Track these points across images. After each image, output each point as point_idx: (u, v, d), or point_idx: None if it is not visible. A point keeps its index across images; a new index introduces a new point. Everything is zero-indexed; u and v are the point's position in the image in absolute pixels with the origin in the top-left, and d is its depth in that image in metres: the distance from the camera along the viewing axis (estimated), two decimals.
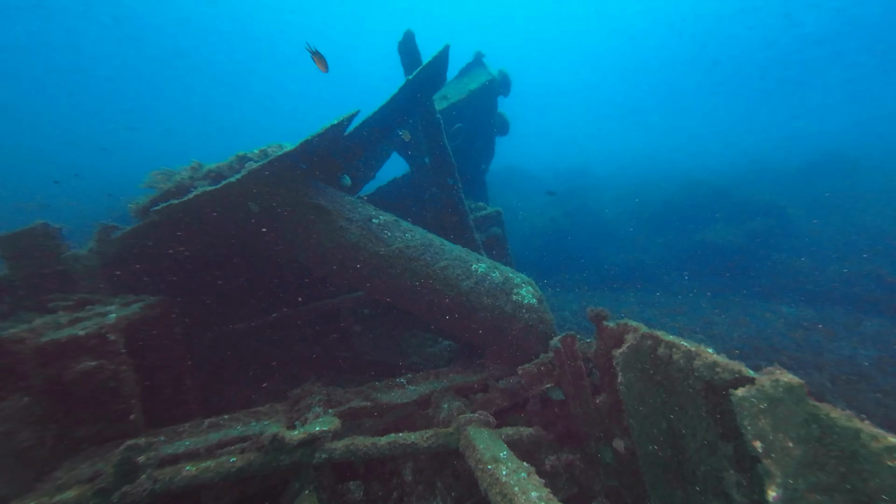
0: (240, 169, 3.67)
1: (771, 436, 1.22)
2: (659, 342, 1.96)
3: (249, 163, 3.68)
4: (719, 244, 11.48)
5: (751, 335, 6.51)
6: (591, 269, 14.31)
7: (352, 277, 4.07)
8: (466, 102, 7.37)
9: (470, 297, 3.83)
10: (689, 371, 1.76)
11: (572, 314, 9.44)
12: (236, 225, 3.79)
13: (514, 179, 25.64)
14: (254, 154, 3.83)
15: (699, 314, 8.06)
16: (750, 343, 6.14)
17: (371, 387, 3.48)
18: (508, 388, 3.23)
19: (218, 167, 3.60)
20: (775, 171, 18.45)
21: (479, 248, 5.27)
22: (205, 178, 3.56)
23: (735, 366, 1.52)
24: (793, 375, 1.27)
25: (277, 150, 3.94)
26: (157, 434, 2.59)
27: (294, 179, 4.05)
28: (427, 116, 5.61)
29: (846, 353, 5.70)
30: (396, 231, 4.13)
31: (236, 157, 3.71)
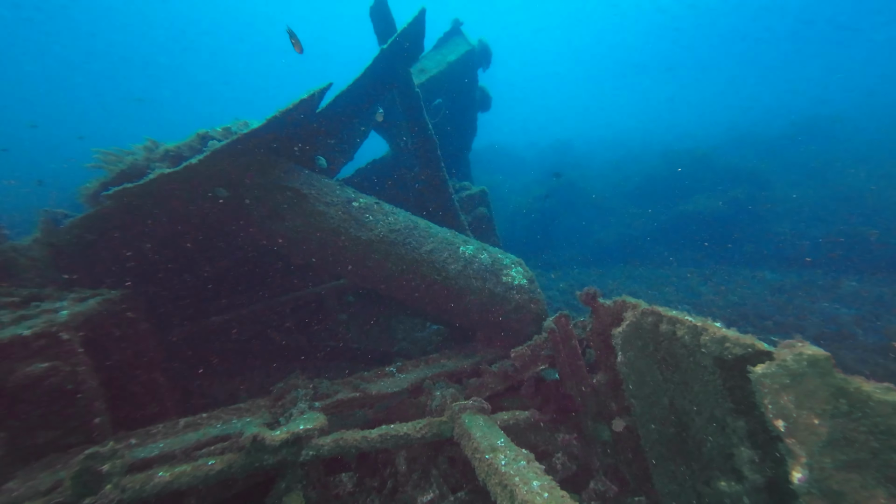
0: (202, 149, 3.36)
1: (794, 413, 1.12)
2: (661, 318, 1.84)
3: (212, 142, 3.36)
4: (702, 214, 11.61)
5: (736, 302, 6.62)
6: (578, 246, 14.38)
7: (333, 265, 3.85)
8: (446, 75, 7.02)
9: (458, 281, 3.68)
10: (696, 347, 1.65)
11: (560, 293, 9.46)
12: (203, 211, 3.49)
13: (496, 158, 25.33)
14: (217, 132, 3.50)
15: (685, 285, 8.17)
16: (736, 310, 6.24)
17: (359, 377, 3.34)
18: (501, 371, 3.13)
19: (177, 147, 3.28)
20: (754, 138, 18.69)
21: (466, 230, 5.09)
22: (162, 160, 3.23)
23: (747, 339, 1.41)
24: (817, 347, 1.16)
25: (243, 128, 3.62)
26: (127, 437, 2.39)
27: (264, 161, 3.75)
28: (405, 90, 5.29)
29: (828, 314, 5.86)
30: (379, 214, 3.90)
31: (197, 135, 3.39)
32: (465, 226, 5.11)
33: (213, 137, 3.45)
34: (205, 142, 3.41)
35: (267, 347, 4.94)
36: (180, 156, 3.29)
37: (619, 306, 2.24)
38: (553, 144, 28.97)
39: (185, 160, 3.26)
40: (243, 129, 3.55)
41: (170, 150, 3.26)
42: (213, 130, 3.51)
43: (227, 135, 3.53)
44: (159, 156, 3.24)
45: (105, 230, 3.15)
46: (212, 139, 3.44)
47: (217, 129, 3.57)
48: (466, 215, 5.49)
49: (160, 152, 3.25)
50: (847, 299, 6.30)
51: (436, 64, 7.30)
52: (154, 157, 3.23)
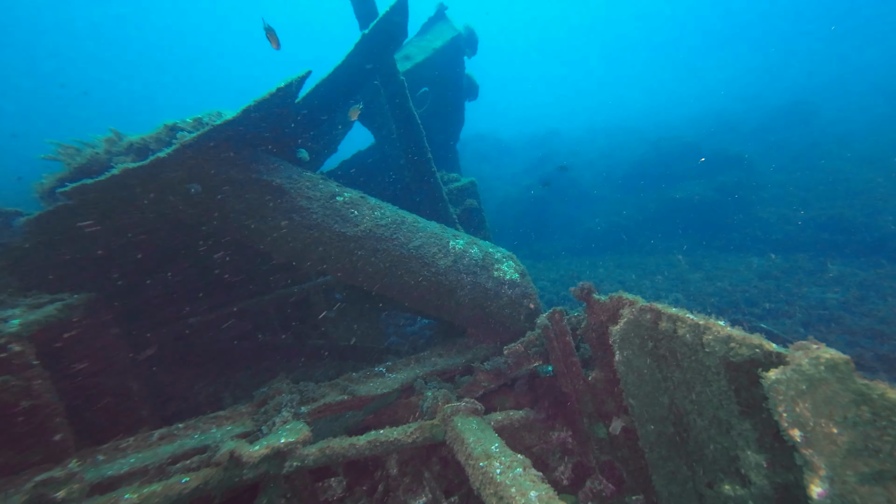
0: (170, 142, 3.14)
1: (812, 422, 1.03)
2: (660, 315, 1.75)
3: (181, 133, 3.14)
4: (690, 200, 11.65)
5: (726, 289, 6.65)
6: (568, 235, 14.38)
7: (316, 262, 3.69)
8: (432, 63, 6.79)
9: (448, 276, 3.56)
10: (698, 346, 1.56)
11: (551, 283, 9.42)
12: (176, 208, 3.28)
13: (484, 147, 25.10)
14: (186, 124, 3.27)
15: (675, 273, 8.19)
16: (726, 297, 6.27)
17: (347, 378, 3.21)
18: (494, 369, 3.04)
19: (143, 139, 3.05)
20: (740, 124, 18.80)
21: (455, 223, 4.96)
22: (126, 153, 3.01)
23: (754, 339, 1.32)
24: (835, 350, 1.07)
25: (216, 119, 3.40)
26: (93, 453, 2.22)
27: (240, 154, 3.54)
28: (389, 78, 5.07)
29: (815, 298, 5.92)
30: (364, 209, 3.74)
31: (164, 127, 3.16)
32: (454, 219, 4.98)
33: (182, 129, 3.22)
34: (173, 134, 3.18)
35: (252, 348, 4.78)
36: (146, 148, 3.07)
37: (614, 302, 2.15)
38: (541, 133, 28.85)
39: (151, 153, 3.04)
40: (216, 120, 3.33)
41: (134, 142, 3.03)
42: (181, 122, 3.28)
43: (198, 126, 3.31)
44: (123, 148, 3.01)
45: (64, 229, 2.92)
46: (181, 131, 3.22)
47: (187, 119, 3.34)
48: (455, 208, 5.35)
49: (124, 145, 3.02)
50: (833, 283, 6.38)
51: (421, 50, 7.06)
52: (117, 150, 3.00)
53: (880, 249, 7.41)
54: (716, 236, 10.00)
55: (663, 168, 14.33)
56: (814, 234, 8.44)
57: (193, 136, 3.09)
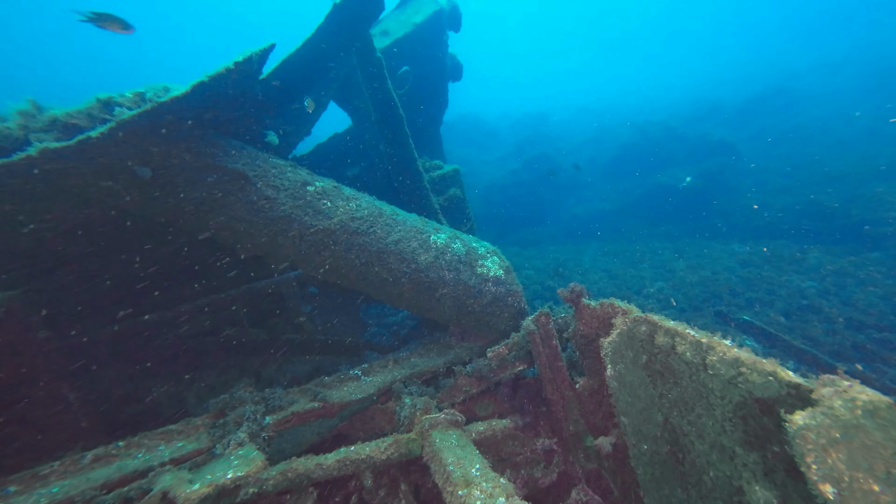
0: (105, 119, 2.75)
1: (847, 477, 0.87)
2: (656, 328, 1.57)
3: (119, 110, 2.75)
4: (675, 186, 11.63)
5: (709, 277, 6.65)
6: (554, 221, 14.29)
7: (285, 258, 3.40)
8: (412, 39, 6.36)
9: (429, 273, 3.33)
10: (699, 366, 1.39)
11: (536, 272, 9.31)
12: (117, 196, 2.92)
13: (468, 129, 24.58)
14: (126, 98, 2.87)
15: (660, 261, 8.18)
16: (708, 287, 6.26)
17: (319, 383, 2.99)
18: (477, 372, 2.86)
19: (68, 115, 2.65)
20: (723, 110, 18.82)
21: (437, 213, 4.70)
22: (48, 129, 2.61)
23: (766, 366, 1.15)
24: (873, 391, 0.91)
25: (162, 95, 3.00)
26: (5, 483, 1.92)
27: (195, 136, 3.17)
28: (365, 55, 4.68)
29: (794, 287, 5.96)
30: (338, 200, 3.44)
31: (97, 100, 2.75)
32: (436, 209, 4.72)
33: (119, 104, 2.82)
34: (108, 109, 2.78)
35: (220, 344, 4.48)
36: (74, 125, 2.67)
37: (606, 309, 1.97)
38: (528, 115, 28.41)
39: (81, 131, 2.66)
40: (161, 97, 2.94)
41: (58, 117, 2.63)
42: (119, 96, 2.87)
43: (139, 102, 2.90)
44: (43, 124, 2.61)
45: None
46: (118, 106, 2.82)
47: (126, 94, 2.93)
48: (438, 197, 5.08)
49: (44, 119, 2.61)
50: (812, 271, 6.45)
51: (400, 25, 6.60)
52: (36, 126, 2.60)
53: (858, 236, 7.54)
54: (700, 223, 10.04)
55: (649, 153, 14.28)
56: (794, 220, 8.52)
57: (133, 114, 2.71)
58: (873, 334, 4.65)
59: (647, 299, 6.59)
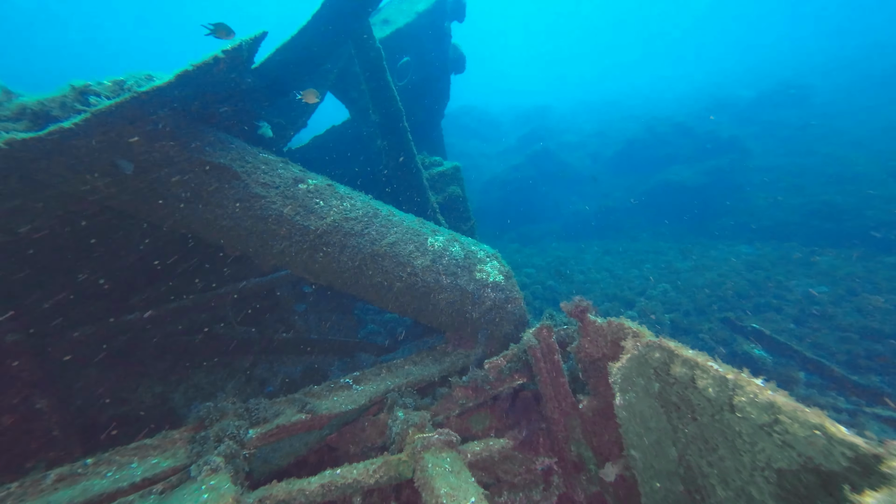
0: (80, 109, 2.57)
1: None
2: (673, 357, 1.41)
3: (95, 99, 2.57)
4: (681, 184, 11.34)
5: (715, 280, 6.47)
6: (556, 218, 14.07)
7: (275, 259, 3.24)
8: (414, 29, 6.11)
9: (425, 278, 3.17)
10: (725, 405, 1.23)
11: (537, 270, 9.14)
12: (97, 191, 2.76)
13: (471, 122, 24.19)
14: (104, 87, 2.68)
15: (664, 261, 7.99)
16: (715, 291, 6.09)
17: (308, 392, 2.85)
18: (473, 383, 2.72)
19: (41, 102, 2.48)
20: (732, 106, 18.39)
21: (435, 212, 4.53)
22: (17, 118, 2.44)
23: (811, 417, 0.99)
24: None
25: (144, 83, 2.82)
26: None
27: (181, 128, 2.99)
28: (363, 45, 4.46)
29: (804, 291, 5.78)
30: (332, 199, 3.27)
31: (71, 88, 2.57)
32: (434, 207, 4.54)
33: (95, 93, 2.63)
34: (83, 98, 2.60)
35: (209, 342, 4.35)
36: (46, 115, 2.49)
37: (615, 329, 1.80)
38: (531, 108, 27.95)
39: (54, 121, 2.48)
40: (142, 86, 2.75)
41: (29, 105, 2.45)
42: (96, 84, 2.68)
43: (118, 91, 2.72)
44: (12, 112, 2.43)
45: None
46: (94, 95, 2.63)
47: (104, 81, 2.74)
48: (436, 195, 4.90)
49: (13, 108, 2.44)
50: (823, 275, 6.26)
51: (402, 14, 6.33)
52: (3, 114, 2.42)
53: (872, 239, 7.32)
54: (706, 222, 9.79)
55: (654, 149, 13.98)
56: (804, 221, 8.26)
57: (109, 104, 2.53)
58: (891, 343, 4.47)
59: (651, 301, 6.43)
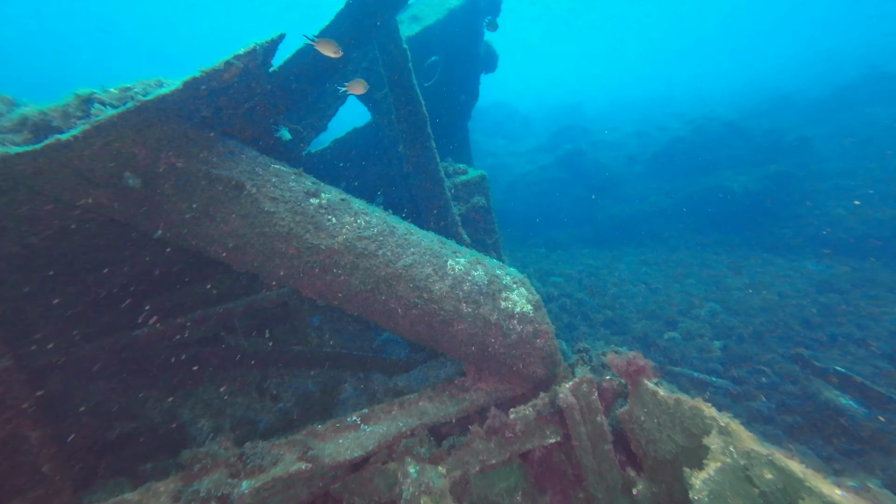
0: (83, 117, 2.42)
1: None
2: (799, 487, 0.99)
3: (99, 108, 2.41)
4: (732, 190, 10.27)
5: (774, 302, 5.69)
6: (586, 222, 13.33)
7: (282, 279, 3.00)
8: (445, 26, 5.76)
9: (444, 305, 2.83)
10: None
11: (566, 279, 8.58)
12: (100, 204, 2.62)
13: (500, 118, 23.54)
14: (109, 95, 2.53)
15: (710, 275, 7.24)
16: (775, 315, 5.32)
17: (311, 432, 2.59)
18: (491, 431, 2.36)
19: (43, 113, 2.35)
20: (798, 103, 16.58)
21: (457, 225, 4.17)
22: (17, 129, 2.32)
23: None
24: None
25: (152, 89, 2.65)
26: None
27: (189, 137, 2.80)
28: (388, 46, 4.17)
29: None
30: (345, 215, 2.99)
31: (76, 97, 2.43)
32: (456, 220, 4.18)
33: (100, 101, 2.48)
34: (87, 106, 2.44)
35: (220, 354, 4.22)
36: (47, 125, 2.35)
37: (688, 414, 1.39)
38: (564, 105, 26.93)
39: (55, 132, 2.33)
40: (149, 93, 2.57)
41: (30, 116, 2.32)
42: (102, 91, 2.53)
43: (124, 99, 2.55)
44: (13, 123, 2.31)
45: None
46: (99, 103, 2.47)
47: (111, 89, 2.58)
48: (460, 206, 4.54)
49: (14, 119, 2.31)
50: None
51: (432, 10, 6.00)
52: (5, 127, 2.30)
53: None
54: (761, 233, 8.75)
55: (701, 151, 12.89)
56: (890, 235, 7.06)
57: (110, 115, 2.36)
58: None
59: (697, 322, 5.80)
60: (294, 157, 4.46)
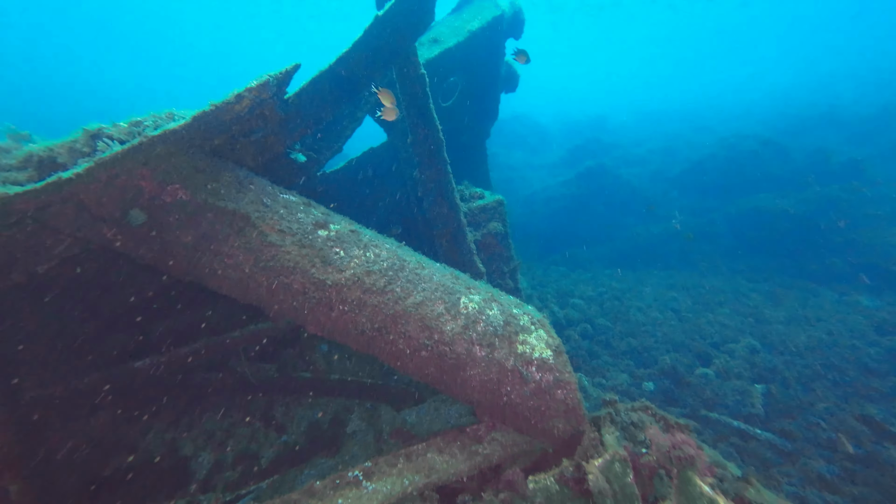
0: (90, 153, 2.38)
1: None
2: None
3: (106, 144, 2.37)
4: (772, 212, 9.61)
5: (823, 341, 5.14)
6: (608, 241, 12.86)
7: (286, 313, 2.86)
8: (465, 48, 5.68)
9: (456, 347, 2.62)
10: None
11: (586, 302, 8.18)
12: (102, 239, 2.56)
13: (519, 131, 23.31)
14: (118, 129, 2.49)
15: (745, 306, 6.72)
16: (824, 355, 4.79)
17: (308, 490, 2.39)
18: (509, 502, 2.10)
19: (49, 149, 2.32)
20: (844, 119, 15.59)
21: (472, 253, 3.97)
22: (22, 167, 2.28)
23: None
24: None
25: (165, 123, 2.61)
26: None
27: (196, 166, 2.74)
28: (406, 72, 4.09)
29: None
30: (353, 248, 2.85)
31: (84, 132, 2.40)
32: (471, 248, 3.98)
33: (108, 136, 2.44)
34: (94, 142, 2.40)
35: (225, 381, 4.12)
36: (53, 162, 2.31)
37: None
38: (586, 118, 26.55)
39: (61, 169, 2.30)
40: (161, 126, 2.53)
41: (36, 153, 2.29)
42: (111, 126, 2.49)
43: (133, 134, 2.51)
44: (18, 161, 2.27)
45: None
46: (107, 139, 2.43)
47: (121, 123, 2.55)
48: (475, 231, 4.34)
49: (19, 157, 2.28)
50: None
51: (453, 32, 5.94)
52: (7, 164, 2.27)
53: None
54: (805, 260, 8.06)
55: (735, 170, 12.24)
56: None
57: (117, 151, 2.30)
58: None
59: (733, 359, 5.33)
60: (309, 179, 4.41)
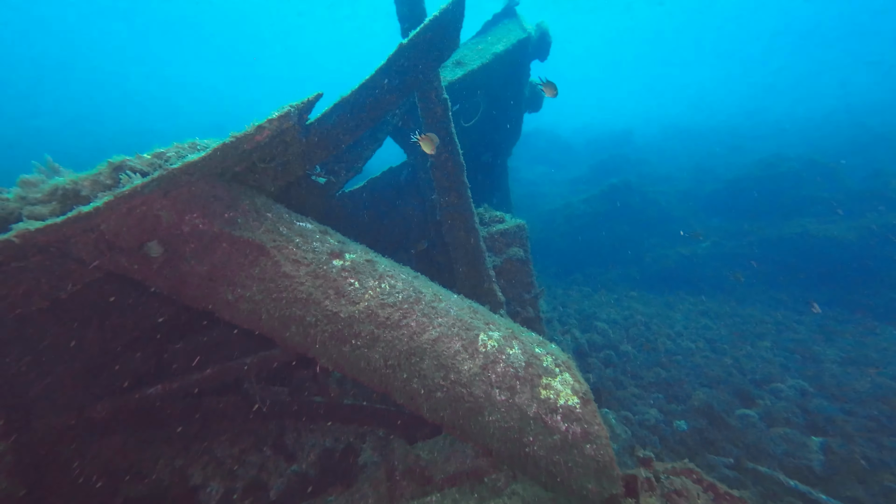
0: (113, 185, 2.40)
1: None
2: None
3: (128, 176, 2.38)
4: (821, 238, 8.94)
5: (891, 390, 4.60)
6: (632, 262, 12.34)
7: (297, 346, 2.78)
8: (489, 71, 5.66)
9: (473, 389, 2.45)
10: None
11: (610, 325, 7.77)
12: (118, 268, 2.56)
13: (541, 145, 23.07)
14: (142, 161, 2.51)
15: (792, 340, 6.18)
16: (891, 404, 4.26)
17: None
18: None
19: (74, 182, 2.34)
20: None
21: (491, 280, 3.80)
22: (47, 201, 2.31)
23: None
24: None
25: (187, 153, 2.63)
26: None
27: (214, 198, 2.73)
28: (428, 97, 4.05)
29: None
30: (368, 279, 2.75)
31: (108, 165, 2.42)
32: (490, 276, 3.82)
33: (131, 168, 2.45)
34: (117, 175, 2.42)
35: (237, 405, 4.05)
36: (76, 194, 2.33)
37: None
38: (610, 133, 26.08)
39: (84, 202, 2.31)
40: (184, 157, 2.54)
41: (61, 186, 2.31)
42: (135, 158, 2.51)
43: (156, 166, 2.53)
44: (43, 195, 2.30)
45: None
46: (130, 171, 2.45)
47: (144, 155, 2.57)
48: (495, 258, 4.18)
49: (45, 190, 2.31)
50: None
51: (478, 55, 5.94)
52: (34, 197, 2.29)
53: None
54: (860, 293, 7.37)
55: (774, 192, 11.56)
56: None
57: (137, 184, 2.31)
58: None
59: (780, 402, 4.87)
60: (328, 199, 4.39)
